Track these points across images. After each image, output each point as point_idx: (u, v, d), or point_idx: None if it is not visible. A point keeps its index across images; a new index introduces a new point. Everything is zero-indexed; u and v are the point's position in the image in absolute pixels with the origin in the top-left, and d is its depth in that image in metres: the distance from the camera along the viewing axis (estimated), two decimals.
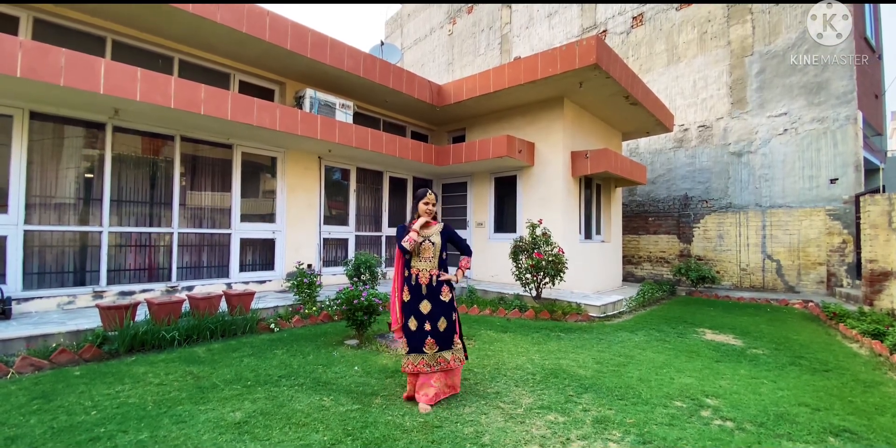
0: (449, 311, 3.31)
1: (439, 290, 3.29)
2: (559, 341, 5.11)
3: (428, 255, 3.32)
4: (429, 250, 3.31)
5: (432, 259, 3.32)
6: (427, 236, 3.34)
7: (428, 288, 3.28)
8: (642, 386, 3.69)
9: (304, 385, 3.50)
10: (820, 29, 9.45)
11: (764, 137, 10.25)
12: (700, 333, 5.83)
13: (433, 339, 3.22)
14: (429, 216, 3.39)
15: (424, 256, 3.32)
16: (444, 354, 3.24)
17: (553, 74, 7.09)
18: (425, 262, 3.31)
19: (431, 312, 3.25)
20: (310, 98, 7.13)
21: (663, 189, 11.80)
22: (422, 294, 3.27)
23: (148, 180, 6.22)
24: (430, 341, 3.22)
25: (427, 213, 3.38)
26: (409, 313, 3.28)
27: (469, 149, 8.36)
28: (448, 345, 3.28)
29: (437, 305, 3.27)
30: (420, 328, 3.24)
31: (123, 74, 4.95)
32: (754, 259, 10.14)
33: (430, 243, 3.32)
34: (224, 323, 4.91)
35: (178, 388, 3.39)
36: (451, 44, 18.72)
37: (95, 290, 5.55)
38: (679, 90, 11.69)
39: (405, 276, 3.35)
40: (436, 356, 3.22)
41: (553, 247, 6.53)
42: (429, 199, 3.38)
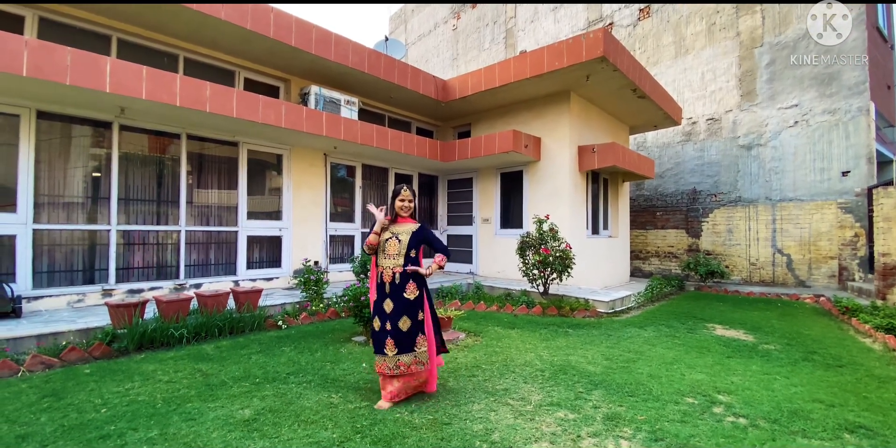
0: (413, 309, 3.14)
1: (403, 288, 3.14)
2: (567, 337, 5.08)
3: (392, 252, 3.18)
4: (394, 247, 3.19)
5: (397, 257, 3.17)
6: (395, 233, 3.23)
7: (391, 286, 3.15)
8: (653, 382, 3.65)
9: (313, 382, 3.50)
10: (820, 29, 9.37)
11: (774, 130, 10.10)
12: (710, 329, 5.77)
13: (392, 341, 3.08)
14: (406, 213, 3.30)
15: (389, 253, 3.19)
16: (402, 358, 3.08)
17: (559, 68, 7.01)
18: (390, 260, 3.18)
19: (393, 311, 3.12)
20: (315, 95, 7.11)
21: (671, 183, 11.68)
22: (385, 292, 3.16)
23: (155, 178, 6.23)
24: (389, 342, 3.09)
25: (403, 210, 3.29)
26: (375, 312, 3.21)
27: (475, 144, 8.31)
28: (408, 348, 3.10)
29: (400, 304, 3.12)
30: (382, 328, 3.14)
31: (129, 73, 4.95)
32: (764, 253, 10.03)
33: (397, 240, 3.20)
34: (232, 320, 4.92)
35: (187, 385, 3.40)
36: (455, 39, 18.59)
37: (104, 288, 5.59)
38: (687, 83, 11.54)
39: (375, 275, 3.29)
40: (395, 359, 3.08)
41: (560, 242, 6.48)
42: (404, 195, 3.28)
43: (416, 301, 3.17)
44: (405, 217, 3.33)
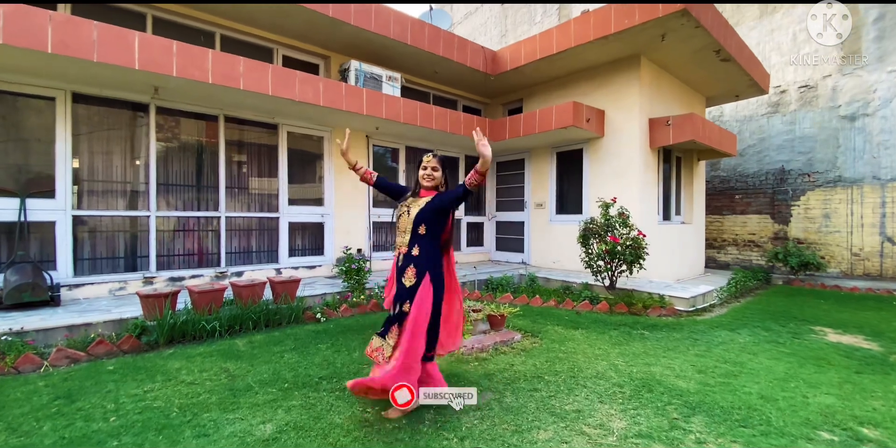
0: (405, 297, 2.64)
1: (403, 272, 2.70)
2: (644, 342, 4.31)
3: (401, 227, 2.78)
4: (403, 222, 2.77)
5: (404, 234, 2.74)
6: (408, 207, 2.79)
7: (397, 268, 2.79)
8: (768, 407, 2.86)
9: (347, 390, 3.01)
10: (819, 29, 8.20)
11: (885, 97, 8.47)
12: (819, 333, 4.78)
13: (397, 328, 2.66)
14: (429, 183, 2.82)
15: (399, 229, 2.80)
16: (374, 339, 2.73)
17: (630, 27, 6.03)
18: (399, 237, 2.78)
19: (396, 296, 2.72)
20: (355, 70, 6.59)
21: (753, 162, 10.25)
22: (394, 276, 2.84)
23: (193, 163, 6.00)
24: (394, 329, 2.66)
25: (425, 179, 2.81)
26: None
27: (528, 120, 7.50)
28: (384, 331, 2.69)
29: (398, 288, 2.73)
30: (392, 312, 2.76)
31: (158, 48, 4.63)
32: (870, 242, 8.54)
33: (407, 214, 2.75)
34: (268, 312, 4.57)
35: (209, 388, 3.01)
36: (504, 14, 17.52)
37: (146, 276, 5.44)
38: (775, 46, 9.98)
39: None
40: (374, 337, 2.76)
41: (631, 229, 5.63)
42: (426, 162, 2.83)
43: (410, 289, 2.64)
44: (429, 189, 2.85)
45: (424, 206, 2.73)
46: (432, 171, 2.81)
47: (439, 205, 2.72)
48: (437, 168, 2.82)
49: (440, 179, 2.85)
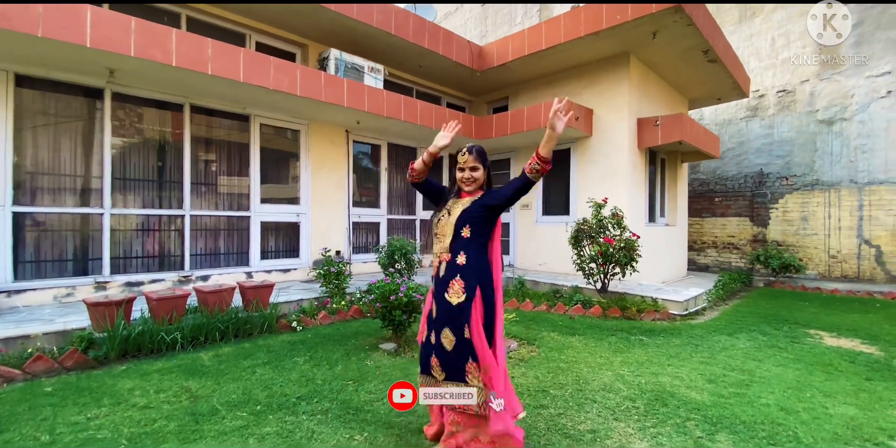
0: (457, 320, 2.05)
1: (445, 284, 2.11)
2: (645, 348, 4.08)
3: (441, 231, 2.21)
4: (443, 225, 2.20)
5: (444, 238, 2.18)
6: (448, 209, 2.24)
7: (436, 281, 2.19)
8: (792, 420, 2.64)
9: (330, 412, 2.63)
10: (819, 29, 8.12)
11: (862, 102, 8.65)
12: (815, 337, 4.67)
13: (437, 360, 2.10)
14: (470, 186, 2.23)
15: (438, 234, 2.23)
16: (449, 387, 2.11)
17: (622, 22, 5.86)
18: (438, 243, 2.22)
19: (437, 318, 2.13)
20: (335, 59, 6.18)
21: (733, 165, 10.33)
22: (437, 288, 2.18)
23: (154, 156, 5.47)
24: (434, 361, 2.11)
25: (465, 183, 2.23)
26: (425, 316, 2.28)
27: (516, 118, 7.25)
28: (456, 375, 2.06)
29: (441, 308, 2.11)
30: (427, 340, 2.18)
31: (114, 24, 4.12)
32: (847, 244, 8.68)
33: (447, 214, 2.21)
34: (238, 321, 4.12)
35: (166, 414, 2.58)
36: (484, 15, 17.37)
37: (98, 280, 4.87)
38: (754, 51, 10.10)
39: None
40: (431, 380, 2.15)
41: (624, 230, 5.43)
42: (463, 162, 2.21)
43: (461, 308, 2.04)
44: (470, 192, 2.26)
45: (470, 204, 2.18)
46: (471, 171, 2.21)
47: (491, 201, 2.16)
48: (476, 167, 2.21)
49: (483, 178, 2.25)
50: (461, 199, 2.25)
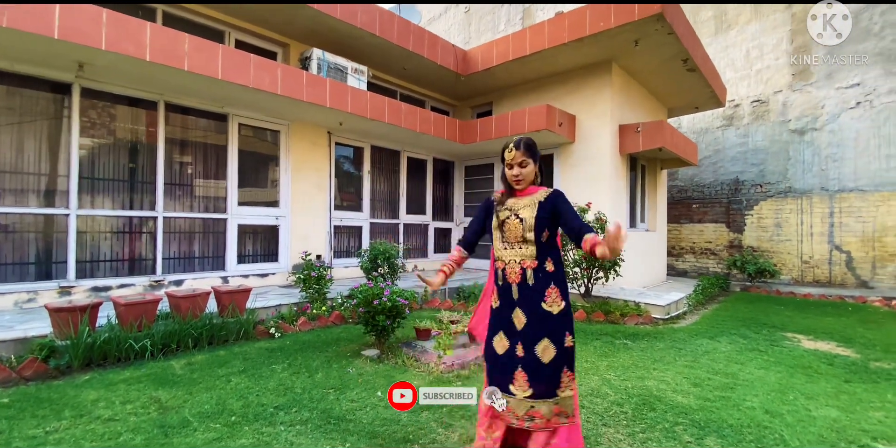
0: (561, 329, 1.97)
1: (541, 294, 1.98)
2: (630, 352, 4.07)
3: (513, 236, 2.02)
4: (515, 229, 2.01)
5: (522, 244, 2.01)
6: (514, 209, 2.06)
7: (521, 289, 2.01)
8: (777, 423, 2.65)
9: (310, 422, 2.51)
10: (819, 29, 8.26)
11: (832, 112, 8.97)
12: (793, 340, 4.75)
13: (525, 374, 1.94)
14: (522, 185, 2.09)
15: (509, 239, 2.05)
16: (539, 406, 1.92)
17: (606, 29, 5.93)
18: (512, 249, 2.04)
19: (526, 327, 1.98)
20: (317, 59, 6.07)
21: (710, 172, 10.57)
22: (512, 298, 2.03)
23: (126, 155, 5.24)
24: (520, 376, 1.95)
25: (517, 182, 2.08)
26: (497, 327, 2.07)
27: (500, 122, 7.26)
28: (550, 391, 1.93)
29: (537, 318, 1.97)
30: (510, 352, 1.99)
31: (84, 16, 3.94)
32: (819, 250, 8.95)
33: (517, 219, 2.01)
34: (212, 327, 3.94)
35: (133, 426, 2.41)
36: (467, 22, 17.48)
37: (62, 285, 4.62)
38: (729, 62, 10.40)
39: (493, 272, 2.16)
40: (527, 404, 1.93)
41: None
42: (509, 158, 2.07)
43: (561, 317, 1.97)
44: (523, 189, 2.12)
45: (539, 209, 2.00)
46: (520, 168, 2.06)
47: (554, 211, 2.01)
48: (525, 162, 2.05)
49: (533, 173, 2.09)
50: (522, 199, 2.09)
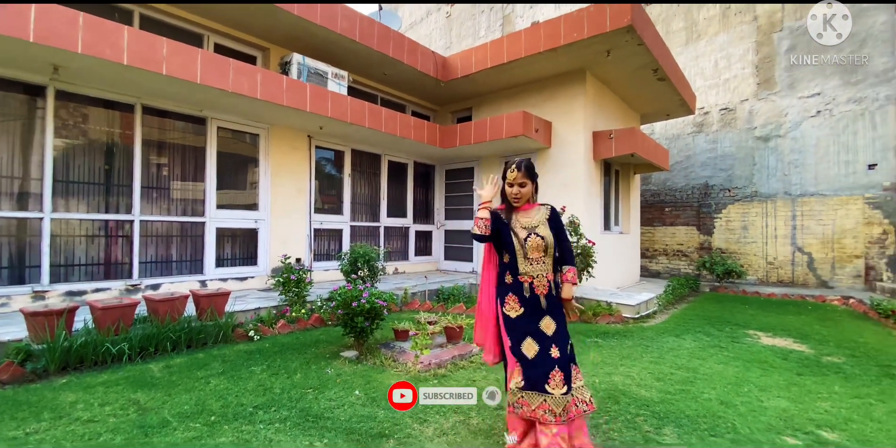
0: (567, 332, 2.37)
1: (559, 301, 2.37)
2: (599, 350, 4.26)
3: (537, 254, 2.31)
4: (538, 248, 2.30)
5: (545, 259, 2.32)
6: (531, 228, 2.33)
7: (548, 299, 2.31)
8: (731, 413, 2.84)
9: (289, 420, 2.59)
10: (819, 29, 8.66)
11: (794, 120, 9.44)
12: (754, 337, 5.02)
13: (562, 373, 2.19)
14: (520, 203, 2.40)
15: (533, 257, 2.31)
16: (570, 399, 2.20)
17: (579, 40, 6.16)
18: (538, 265, 2.31)
19: (556, 333, 2.27)
20: (297, 64, 6.13)
21: (681, 177, 10.97)
22: (541, 308, 2.30)
23: (102, 158, 5.20)
24: (557, 375, 2.18)
25: (515, 199, 2.38)
26: (524, 334, 2.28)
27: (479, 127, 7.42)
28: (570, 384, 2.23)
29: (562, 325, 2.33)
30: (544, 354, 2.22)
31: (61, 19, 3.94)
32: (783, 252, 9.38)
33: (539, 238, 2.31)
34: (191, 330, 3.97)
35: (112, 427, 2.46)
36: (448, 27, 17.69)
37: (35, 289, 4.56)
38: (699, 71, 10.83)
39: (510, 285, 2.35)
40: (564, 400, 2.15)
41: (581, 237, 5.66)
42: (511, 177, 2.36)
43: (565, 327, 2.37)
44: (522, 206, 2.42)
45: (548, 226, 2.36)
46: (520, 188, 2.36)
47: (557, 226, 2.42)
48: (524, 183, 2.37)
49: (530, 192, 2.41)
50: (531, 215, 2.39)
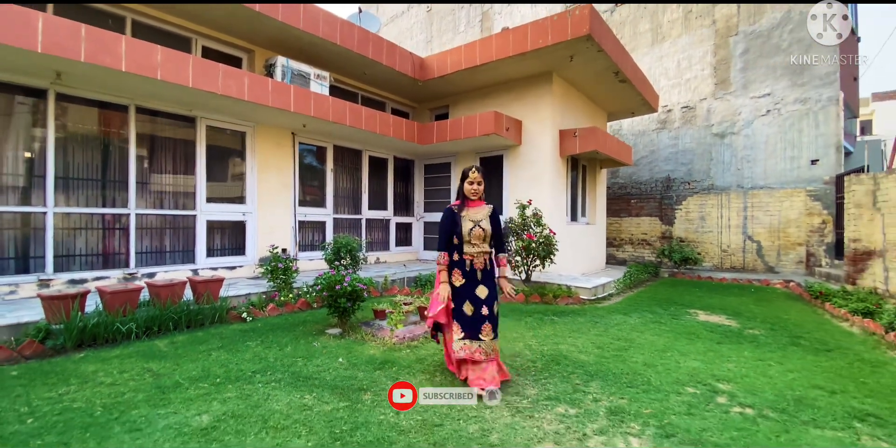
0: (497, 297, 3.16)
1: (493, 275, 3.19)
2: (554, 325, 4.87)
3: (478, 239, 3.11)
4: (479, 235, 3.10)
5: (483, 244, 3.13)
6: (476, 221, 3.13)
7: (483, 272, 3.13)
8: (650, 371, 3.46)
9: (282, 381, 3.11)
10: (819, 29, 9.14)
11: (747, 118, 10.20)
12: (693, 314, 5.70)
13: (490, 326, 3.04)
14: (475, 196, 3.19)
15: (475, 242, 3.11)
16: (494, 344, 3.06)
17: (543, 46, 6.70)
18: (478, 247, 3.12)
19: (488, 296, 3.08)
20: (281, 66, 6.52)
21: (646, 171, 11.69)
22: (477, 278, 3.11)
23: (99, 156, 5.56)
24: (486, 327, 3.03)
25: (472, 193, 3.17)
26: (464, 298, 3.07)
27: (454, 126, 7.93)
28: (497, 333, 3.10)
29: (493, 290, 3.13)
30: (477, 313, 3.05)
31: (65, 31, 4.29)
32: (735, 240, 10.19)
33: (480, 229, 3.10)
34: (189, 312, 4.43)
35: (133, 388, 2.94)
36: (429, 21, 17.99)
37: (41, 278, 4.95)
38: (663, 70, 11.50)
39: (457, 261, 3.13)
40: (491, 344, 3.02)
41: (544, 228, 6.26)
42: (472, 177, 3.15)
43: (495, 294, 3.15)
44: (475, 200, 3.22)
45: (489, 219, 3.16)
46: (478, 185, 3.16)
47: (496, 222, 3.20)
48: (481, 182, 3.18)
49: (483, 190, 3.22)
50: (477, 211, 3.17)
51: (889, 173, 6.57)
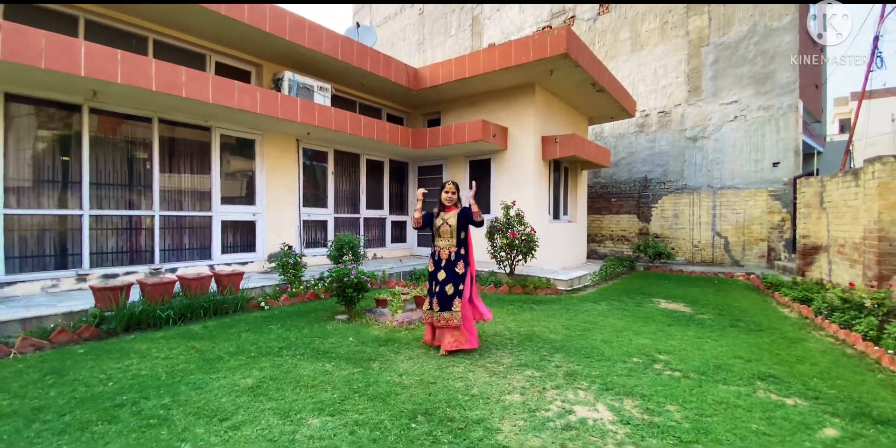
0: (459, 281, 3.97)
1: (455, 264, 4.00)
2: (532, 312, 5.62)
3: (446, 235, 4.05)
4: (447, 231, 4.04)
5: (450, 238, 4.03)
6: (445, 219, 4.05)
7: (446, 261, 4.02)
8: (605, 346, 4.21)
9: (305, 354, 3.82)
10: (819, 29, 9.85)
11: (716, 124, 11.01)
12: (655, 303, 6.48)
13: (437, 300, 3.98)
14: (450, 203, 4.11)
15: (443, 236, 4.06)
16: (442, 314, 3.93)
17: (526, 62, 7.41)
18: (444, 241, 4.06)
19: (444, 280, 3.98)
20: (288, 80, 7.17)
21: (625, 171, 12.49)
22: (440, 266, 4.04)
23: (126, 163, 6.19)
24: (434, 301, 4.00)
25: (447, 201, 4.11)
26: (430, 279, 4.12)
27: (445, 132, 8.63)
28: (446, 307, 3.93)
29: (451, 275, 3.98)
30: (431, 290, 4.08)
31: (104, 56, 4.91)
32: (705, 236, 11.03)
33: (448, 226, 4.02)
34: (216, 302, 5.11)
35: (184, 360, 3.63)
36: (421, 23, 18.57)
37: (79, 273, 5.59)
38: (641, 77, 12.27)
39: (431, 252, 4.16)
40: (434, 314, 3.98)
41: (525, 226, 6.99)
42: (448, 188, 4.13)
43: (462, 275, 3.99)
44: (450, 206, 4.13)
45: (459, 216, 4.02)
46: (451, 194, 4.11)
47: (465, 218, 4.02)
48: (455, 192, 4.13)
49: (456, 199, 4.16)
50: (449, 212, 4.10)
51: (832, 177, 7.39)
